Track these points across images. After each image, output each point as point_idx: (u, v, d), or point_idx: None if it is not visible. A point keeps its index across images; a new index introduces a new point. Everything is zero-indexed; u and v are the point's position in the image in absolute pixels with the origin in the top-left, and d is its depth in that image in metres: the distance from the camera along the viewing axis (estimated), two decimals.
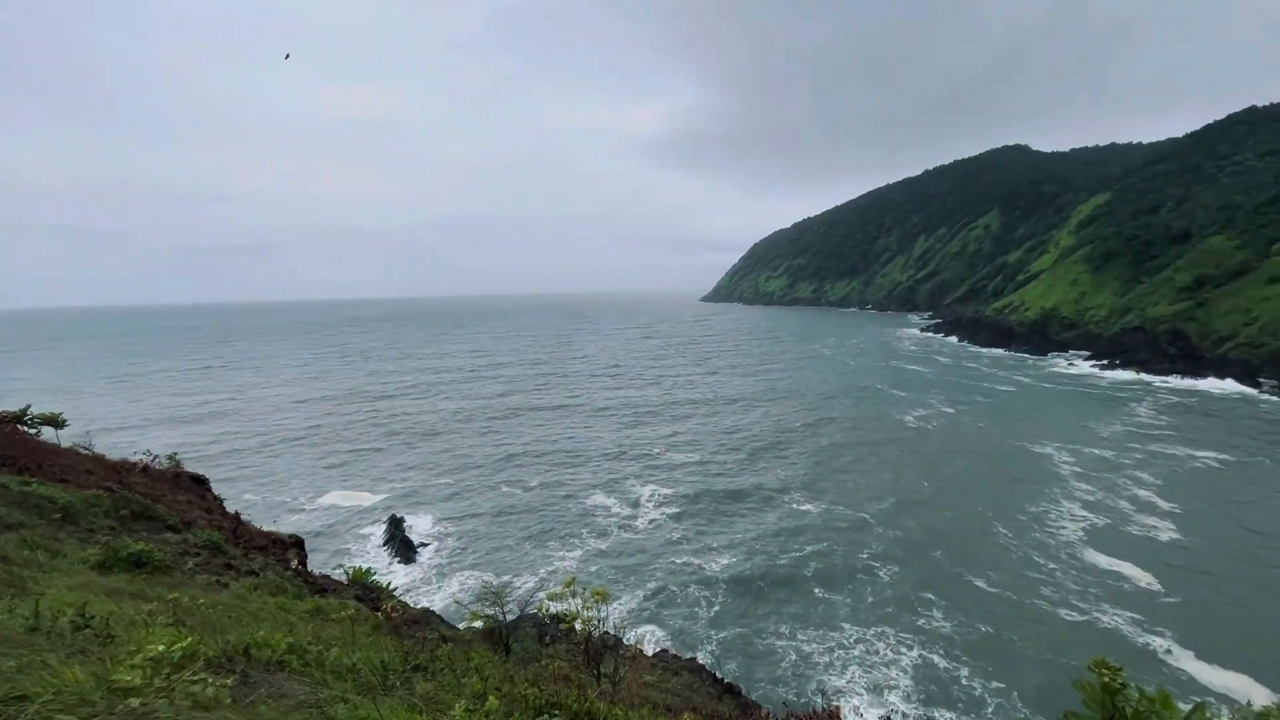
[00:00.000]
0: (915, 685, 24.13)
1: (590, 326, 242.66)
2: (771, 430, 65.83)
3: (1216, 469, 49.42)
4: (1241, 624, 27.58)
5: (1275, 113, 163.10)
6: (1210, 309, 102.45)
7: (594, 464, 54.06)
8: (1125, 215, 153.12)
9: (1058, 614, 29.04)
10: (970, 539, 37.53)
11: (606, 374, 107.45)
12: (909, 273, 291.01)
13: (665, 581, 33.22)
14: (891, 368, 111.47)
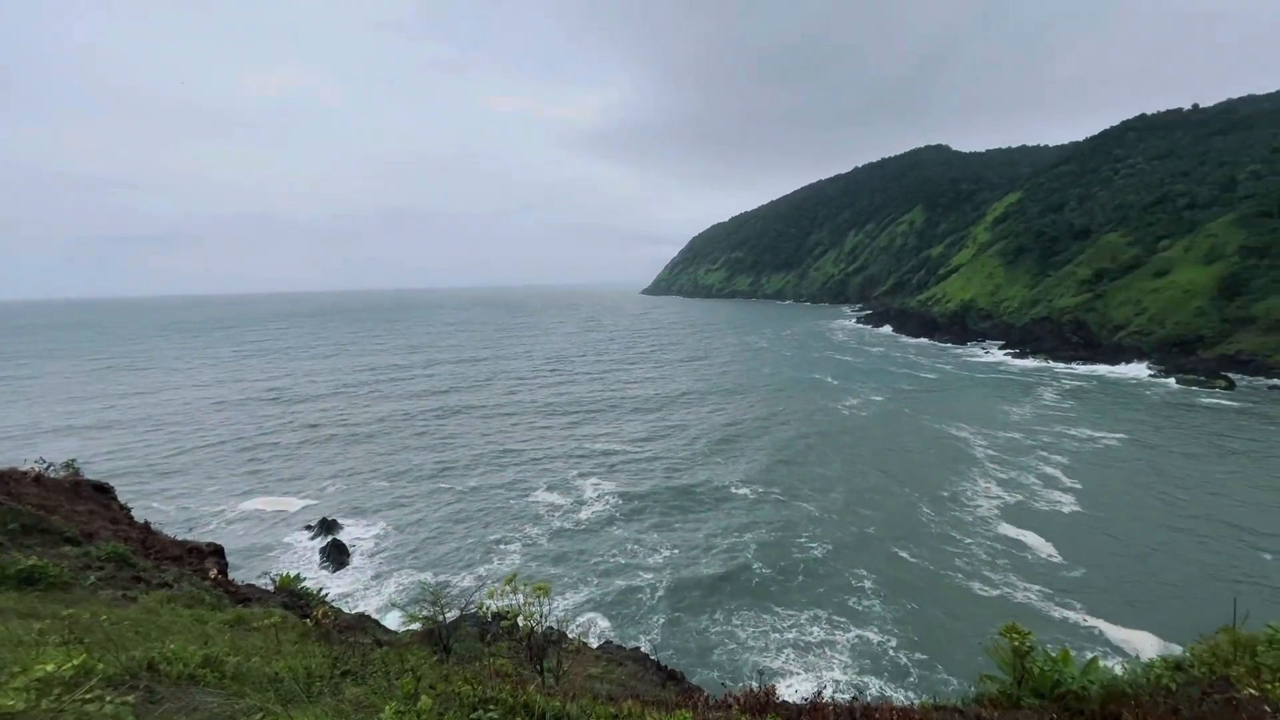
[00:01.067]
0: (849, 661, 25.31)
1: (530, 321, 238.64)
2: (711, 422, 67.03)
3: (1113, 447, 53.93)
4: (1133, 586, 30.31)
5: (1162, 121, 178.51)
6: (1107, 300, 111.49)
7: (536, 460, 53.44)
8: (1034, 213, 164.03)
9: (973, 585, 31.08)
10: (898, 519, 39.52)
11: (548, 369, 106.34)
12: (841, 266, 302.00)
13: (609, 573, 33.38)
14: (825, 358, 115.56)
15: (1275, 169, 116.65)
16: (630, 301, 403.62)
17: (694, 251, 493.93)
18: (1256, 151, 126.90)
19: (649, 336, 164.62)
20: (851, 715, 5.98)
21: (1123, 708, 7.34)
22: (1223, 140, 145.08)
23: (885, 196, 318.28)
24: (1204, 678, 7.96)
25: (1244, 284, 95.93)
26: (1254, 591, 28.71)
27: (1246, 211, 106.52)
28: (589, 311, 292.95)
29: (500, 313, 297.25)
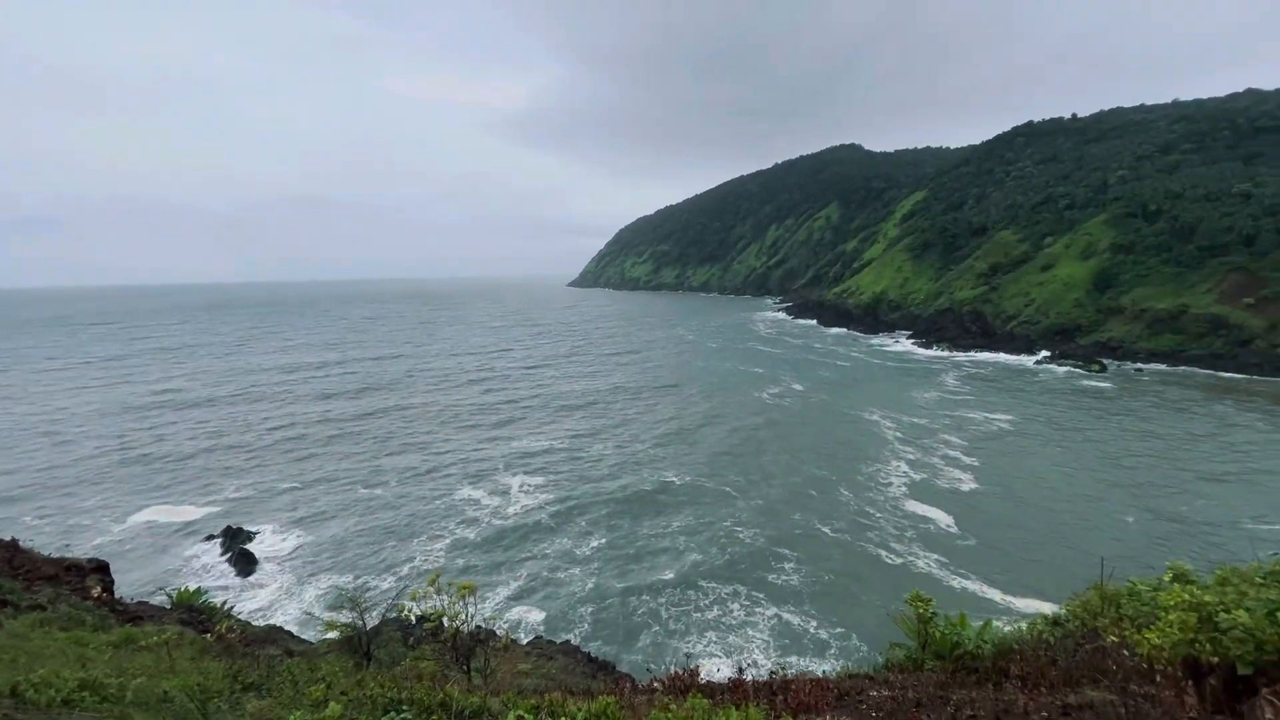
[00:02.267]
0: (770, 636, 26.38)
1: (454, 314, 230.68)
2: (639, 415, 67.57)
3: (1005, 428, 58.74)
4: (1021, 554, 33.24)
5: (1046, 128, 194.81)
6: (1000, 292, 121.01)
7: (461, 460, 51.93)
8: (938, 210, 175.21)
9: (885, 556, 33.21)
10: (819, 501, 41.44)
11: (474, 365, 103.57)
12: (763, 260, 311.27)
13: (538, 567, 33.11)
14: (749, 349, 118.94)
15: (1139, 174, 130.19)
16: (557, 294, 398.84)
17: (621, 244, 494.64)
18: (1124, 158, 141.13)
19: (577, 330, 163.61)
20: (771, 690, 6.21)
21: (1010, 662, 8.03)
22: (1097, 147, 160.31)
23: (803, 192, 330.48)
24: (1077, 630, 8.83)
25: (1114, 278, 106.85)
26: (1119, 551, 32.17)
27: (1116, 212, 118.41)
28: (515, 305, 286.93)
29: (422, 306, 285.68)
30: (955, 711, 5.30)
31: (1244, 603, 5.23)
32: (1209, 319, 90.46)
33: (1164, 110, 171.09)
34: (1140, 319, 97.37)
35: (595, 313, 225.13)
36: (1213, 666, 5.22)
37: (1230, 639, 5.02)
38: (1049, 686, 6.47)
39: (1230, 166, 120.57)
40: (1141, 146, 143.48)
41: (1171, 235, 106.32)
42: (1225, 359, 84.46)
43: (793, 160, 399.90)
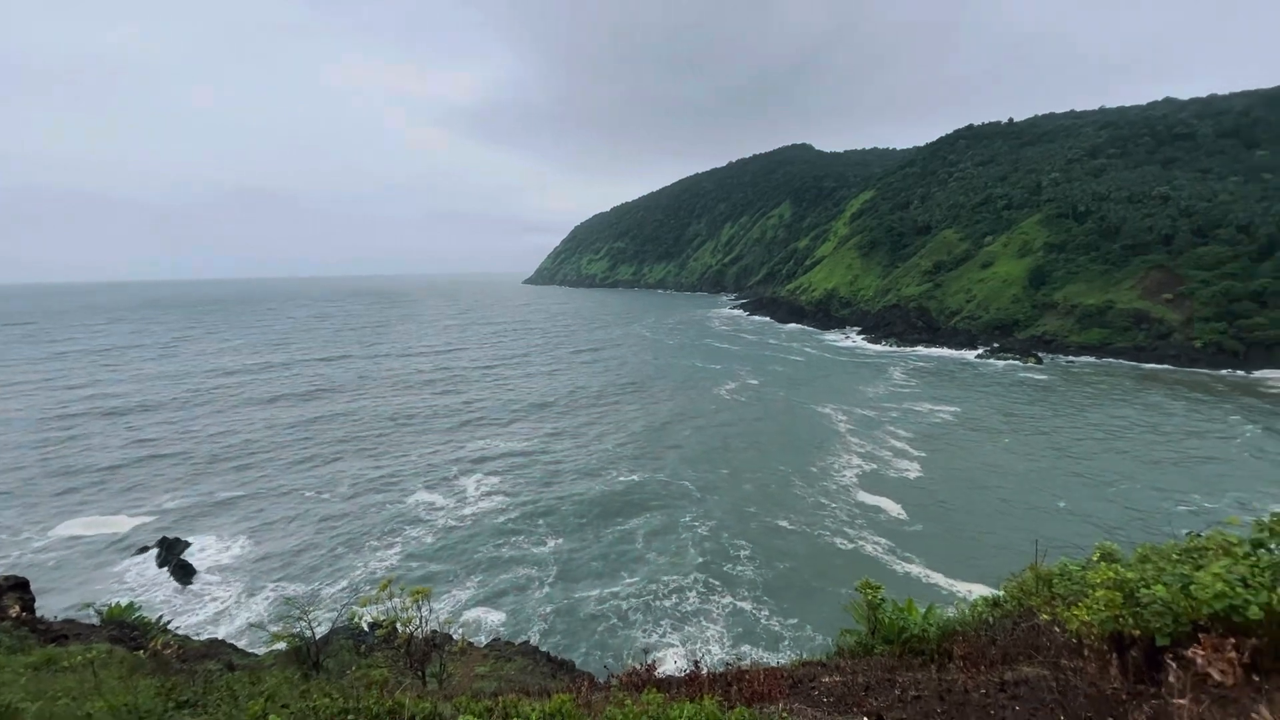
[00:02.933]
0: (727, 629, 26.77)
1: (408, 313, 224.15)
2: (595, 412, 67.42)
3: (949, 419, 61.13)
4: (965, 539, 34.72)
5: (985, 131, 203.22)
6: (944, 289, 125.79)
7: (415, 462, 50.67)
8: (885, 210, 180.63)
9: (837, 545, 34.16)
10: (775, 493, 42.26)
11: (429, 366, 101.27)
12: (718, 257, 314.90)
13: (498, 568, 32.67)
14: (706, 345, 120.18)
15: (1069, 176, 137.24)
16: (514, 292, 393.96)
17: (577, 241, 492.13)
18: (1056, 161, 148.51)
19: (534, 328, 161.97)
20: (726, 681, 6.30)
21: (954, 644, 8.36)
22: (1031, 150, 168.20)
23: (756, 191, 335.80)
24: (1014, 610, 9.27)
25: (1048, 275, 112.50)
26: (1053, 533, 33.95)
27: (1049, 213, 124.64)
28: (471, 302, 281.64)
29: (373, 304, 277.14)
30: (901, 693, 5.49)
31: (1162, 578, 5.59)
32: (1133, 314, 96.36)
33: (1091, 117, 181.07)
34: (1071, 314, 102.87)
35: (552, 310, 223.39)
36: (1134, 639, 5.55)
37: (1150, 612, 5.35)
38: (988, 665, 6.76)
39: (1150, 170, 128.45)
40: (1071, 151, 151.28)
41: (1099, 235, 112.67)
42: (1147, 351, 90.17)
43: (746, 159, 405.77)
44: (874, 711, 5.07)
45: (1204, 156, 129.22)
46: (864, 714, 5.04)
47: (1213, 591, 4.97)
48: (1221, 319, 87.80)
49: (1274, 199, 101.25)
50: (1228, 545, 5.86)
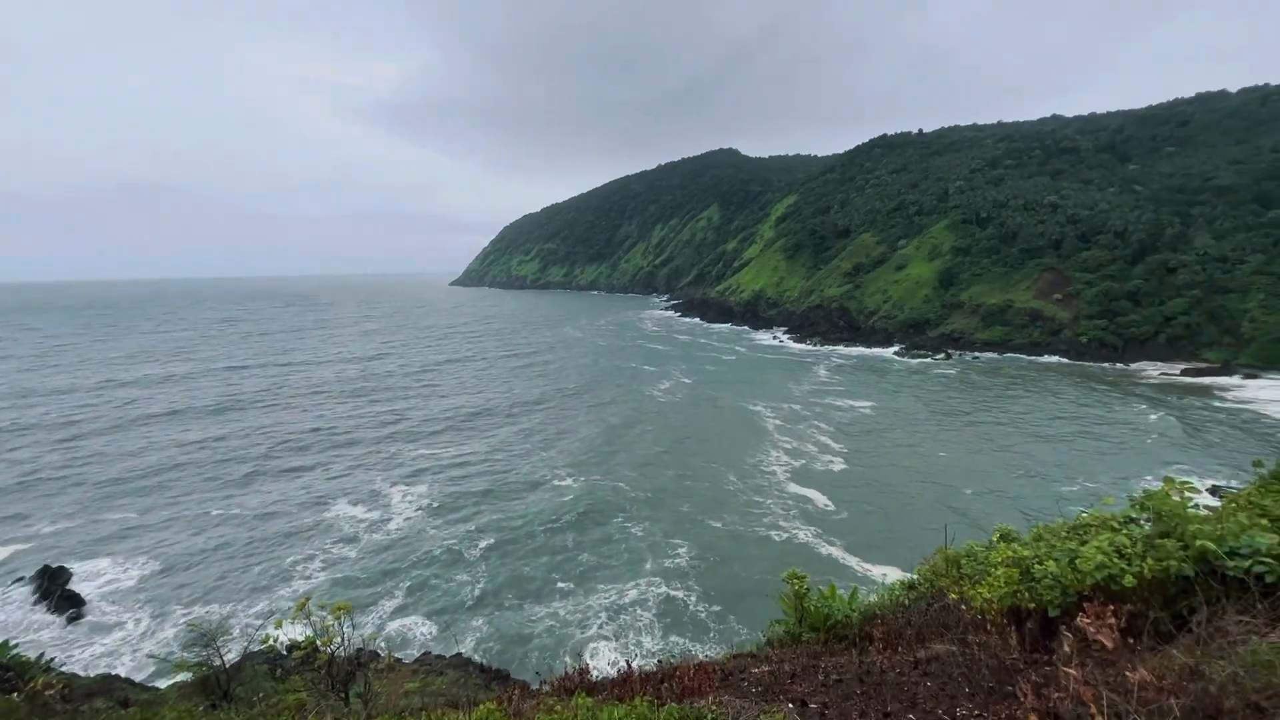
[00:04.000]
0: (663, 627, 27.02)
1: (324, 316, 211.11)
2: (524, 416, 66.46)
3: (868, 414, 64.26)
4: (885, 526, 36.59)
5: (898, 141, 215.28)
6: (863, 290, 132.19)
7: (336, 475, 48.13)
8: (808, 214, 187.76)
9: (770, 537, 35.25)
10: (709, 490, 43.04)
11: (352, 374, 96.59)
12: (649, 258, 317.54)
13: (426, 579, 31.57)
14: (639, 346, 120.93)
15: (972, 185, 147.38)
16: (440, 294, 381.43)
17: (506, 242, 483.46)
18: (960, 171, 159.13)
19: (462, 332, 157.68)
20: (658, 679, 6.34)
21: (874, 627, 8.77)
22: (939, 160, 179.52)
23: (685, 193, 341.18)
24: (928, 592, 9.84)
25: (955, 276, 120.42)
26: (961, 516, 36.40)
27: (955, 219, 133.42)
28: (395, 305, 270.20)
29: (287, 307, 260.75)
30: (824, 678, 5.70)
31: (1052, 554, 6.07)
32: (1029, 312, 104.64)
33: (991, 130, 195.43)
34: (976, 313, 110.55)
35: (483, 313, 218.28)
36: (1030, 612, 6.00)
37: (1042, 587, 5.80)
38: (905, 645, 7.14)
39: (1042, 181, 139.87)
40: (974, 161, 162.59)
41: (999, 239, 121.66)
42: (1042, 346, 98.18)
43: (675, 162, 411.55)
44: (798, 698, 5.24)
45: (1086, 169, 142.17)
46: (789, 701, 5.20)
47: (1094, 564, 5.45)
48: (1103, 317, 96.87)
49: (1144, 208, 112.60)
50: (1106, 521, 6.44)
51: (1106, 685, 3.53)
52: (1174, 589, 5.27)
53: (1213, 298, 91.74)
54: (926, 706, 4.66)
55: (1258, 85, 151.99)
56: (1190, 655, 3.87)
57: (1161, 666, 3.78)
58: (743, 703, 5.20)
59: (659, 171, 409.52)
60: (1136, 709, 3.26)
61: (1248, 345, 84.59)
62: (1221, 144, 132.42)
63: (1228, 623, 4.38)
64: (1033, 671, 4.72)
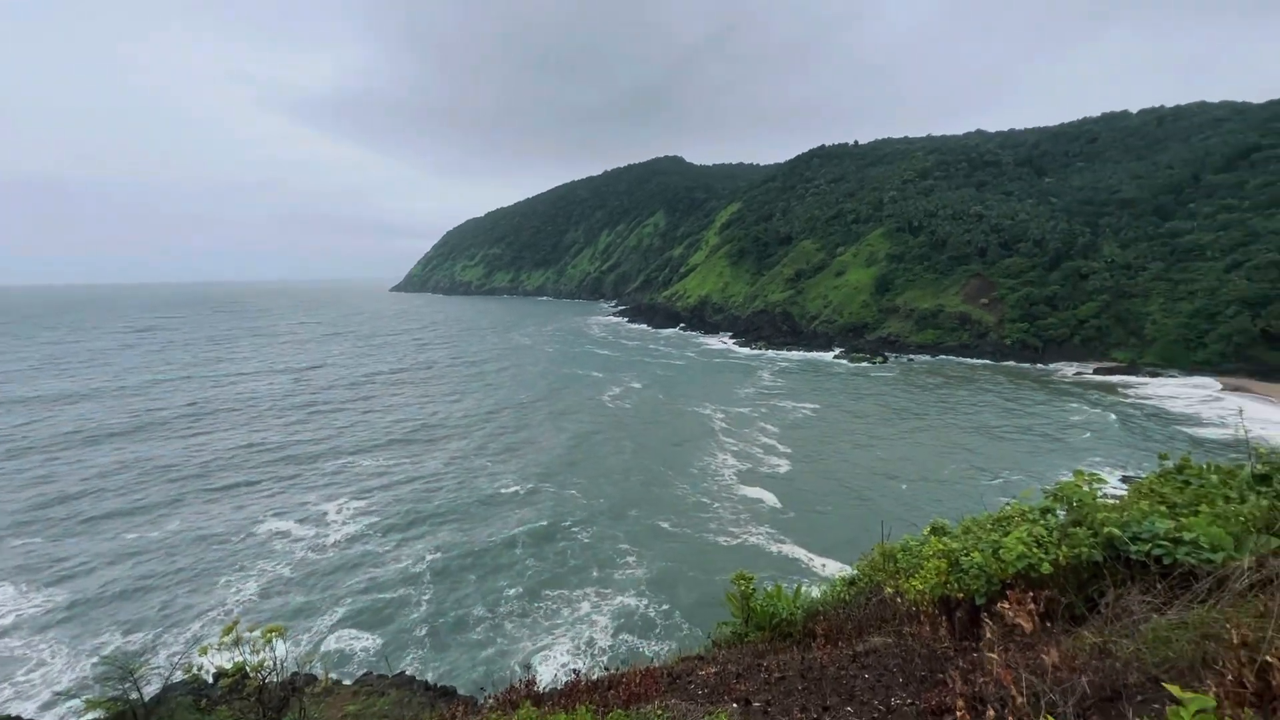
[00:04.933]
0: (611, 630, 26.93)
1: (257, 325, 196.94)
2: (470, 423, 65.11)
3: (810, 416, 66.10)
4: (829, 524, 37.66)
5: (835, 151, 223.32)
6: (805, 295, 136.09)
7: (267, 492, 45.67)
8: (751, 221, 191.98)
9: (719, 541, 35.64)
10: (658, 493, 43.26)
11: (285, 388, 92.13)
12: (596, 264, 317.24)
13: (368, 594, 30.38)
14: (587, 352, 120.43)
15: (905, 195, 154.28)
16: (381, 300, 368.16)
17: (449, 247, 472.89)
18: (894, 181, 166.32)
19: (406, 339, 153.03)
20: (604, 686, 6.30)
21: (817, 624, 9.00)
22: (874, 170, 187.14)
23: (631, 199, 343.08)
24: (866, 587, 10.18)
25: (891, 282, 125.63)
26: (899, 511, 37.89)
27: (890, 227, 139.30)
28: (333, 313, 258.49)
29: (213, 314, 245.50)
30: (768, 676, 5.81)
31: (979, 546, 6.39)
32: (958, 316, 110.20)
33: (921, 143, 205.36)
34: (910, 317, 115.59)
35: (426, 319, 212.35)
36: (959, 601, 6.29)
37: (969, 577, 6.09)
38: (845, 640, 7.35)
39: (968, 191, 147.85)
40: (906, 172, 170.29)
41: (930, 247, 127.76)
42: (971, 349, 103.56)
43: (621, 168, 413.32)
44: (742, 697, 5.32)
45: (1007, 181, 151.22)
46: (734, 701, 5.27)
47: (1015, 553, 5.77)
48: (1024, 320, 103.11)
49: (1059, 219, 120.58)
50: (1026, 513, 6.83)
51: (1025, 667, 3.74)
52: (1086, 574, 5.64)
53: (1119, 302, 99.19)
54: (864, 698, 4.82)
55: (1155, 107, 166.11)
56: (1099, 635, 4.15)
57: (1074, 647, 4.03)
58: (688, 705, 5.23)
59: (605, 177, 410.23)
60: (1051, 688, 3.47)
61: (1150, 345, 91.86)
62: (1124, 160, 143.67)
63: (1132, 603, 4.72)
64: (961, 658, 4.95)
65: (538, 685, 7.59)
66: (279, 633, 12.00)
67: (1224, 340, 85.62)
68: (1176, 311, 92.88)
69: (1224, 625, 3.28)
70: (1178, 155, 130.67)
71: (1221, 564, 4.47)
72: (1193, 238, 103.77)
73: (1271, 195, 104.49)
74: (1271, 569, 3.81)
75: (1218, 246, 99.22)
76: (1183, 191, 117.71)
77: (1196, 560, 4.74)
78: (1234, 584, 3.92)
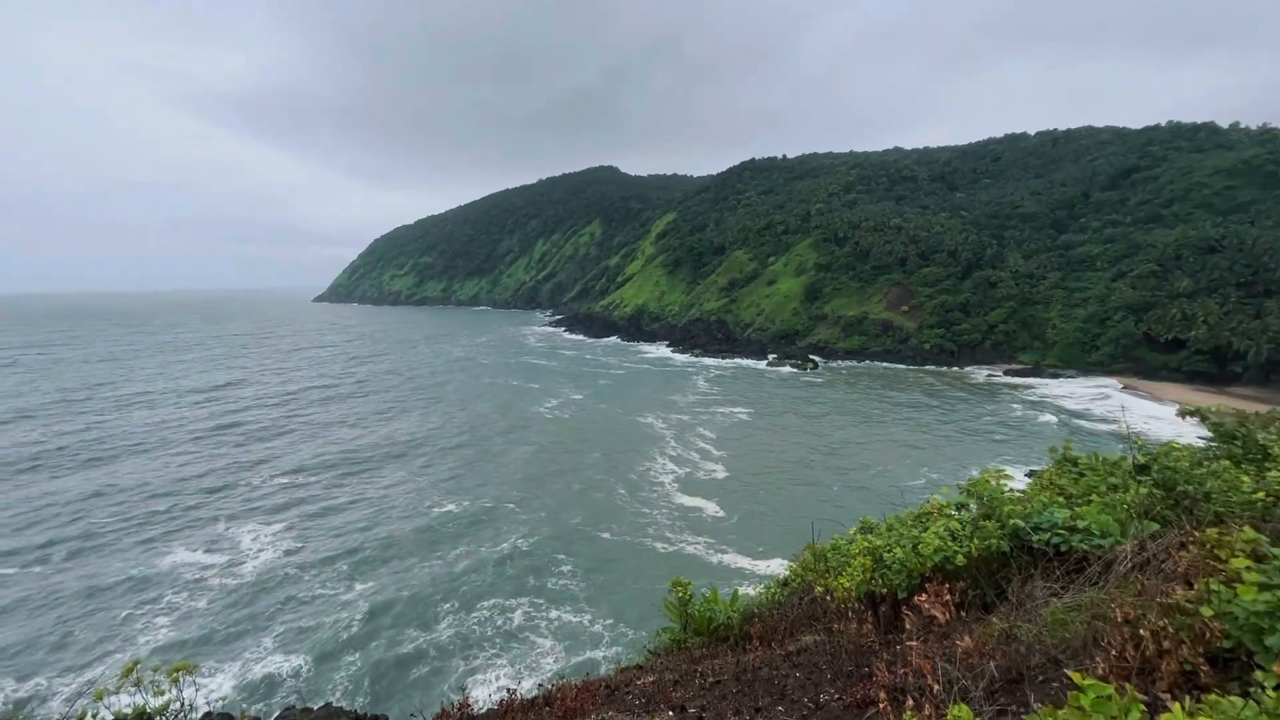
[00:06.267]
0: (556, 645, 26.49)
1: (162, 340, 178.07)
2: (404, 439, 62.79)
3: (746, 421, 67.63)
4: (766, 527, 38.53)
5: (765, 164, 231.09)
6: (738, 304, 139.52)
7: (177, 522, 42.20)
8: (686, 231, 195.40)
9: (658, 548, 35.76)
10: (599, 504, 42.95)
11: (199, 411, 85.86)
12: (531, 273, 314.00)
13: (292, 622, 28.60)
14: (524, 363, 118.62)
15: (831, 207, 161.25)
16: (303, 311, 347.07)
17: (377, 255, 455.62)
18: (820, 194, 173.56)
19: (330, 353, 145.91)
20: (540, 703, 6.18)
21: (752, 626, 9.16)
22: (802, 184, 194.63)
23: (567, 209, 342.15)
24: (800, 587, 10.46)
25: (819, 291, 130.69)
26: (830, 513, 39.17)
27: (818, 238, 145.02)
28: (250, 325, 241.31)
29: (112, 328, 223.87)
30: (703, 681, 5.86)
31: (900, 542, 6.69)
32: (882, 323, 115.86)
33: (845, 158, 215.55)
34: (838, 324, 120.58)
35: (352, 331, 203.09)
36: (884, 597, 6.56)
37: (892, 572, 6.36)
38: (778, 640, 7.51)
39: (888, 205, 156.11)
40: (831, 185, 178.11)
41: (855, 257, 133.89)
42: (893, 354, 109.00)
43: (557, 177, 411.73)
44: (677, 704, 5.33)
45: (923, 195, 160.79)
46: (669, 709, 5.28)
47: (932, 548, 6.08)
48: (941, 326, 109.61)
49: (969, 231, 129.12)
50: (943, 509, 7.22)
51: (942, 656, 3.93)
52: (996, 564, 6.01)
53: (1024, 308, 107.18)
54: (794, 696, 4.94)
55: (1050, 130, 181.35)
56: (1006, 621, 4.42)
57: (984, 634, 4.28)
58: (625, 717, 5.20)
59: (540, 186, 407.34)
60: (964, 674, 3.67)
61: (1051, 348, 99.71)
62: (1025, 177, 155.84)
63: (1036, 589, 5.06)
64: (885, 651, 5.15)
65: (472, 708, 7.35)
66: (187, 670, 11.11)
67: (1113, 343, 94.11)
68: (1073, 317, 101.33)
69: (1110, 605, 3.57)
70: (1070, 174, 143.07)
71: (1109, 549, 4.87)
72: (1084, 249, 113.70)
73: (1149, 212, 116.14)
74: (1150, 551, 4.19)
75: (1105, 258, 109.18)
76: (1075, 207, 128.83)
77: (1088, 546, 5.14)
78: (1119, 566, 4.27)
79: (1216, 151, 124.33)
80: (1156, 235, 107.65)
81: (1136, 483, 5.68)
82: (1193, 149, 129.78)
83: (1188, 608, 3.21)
